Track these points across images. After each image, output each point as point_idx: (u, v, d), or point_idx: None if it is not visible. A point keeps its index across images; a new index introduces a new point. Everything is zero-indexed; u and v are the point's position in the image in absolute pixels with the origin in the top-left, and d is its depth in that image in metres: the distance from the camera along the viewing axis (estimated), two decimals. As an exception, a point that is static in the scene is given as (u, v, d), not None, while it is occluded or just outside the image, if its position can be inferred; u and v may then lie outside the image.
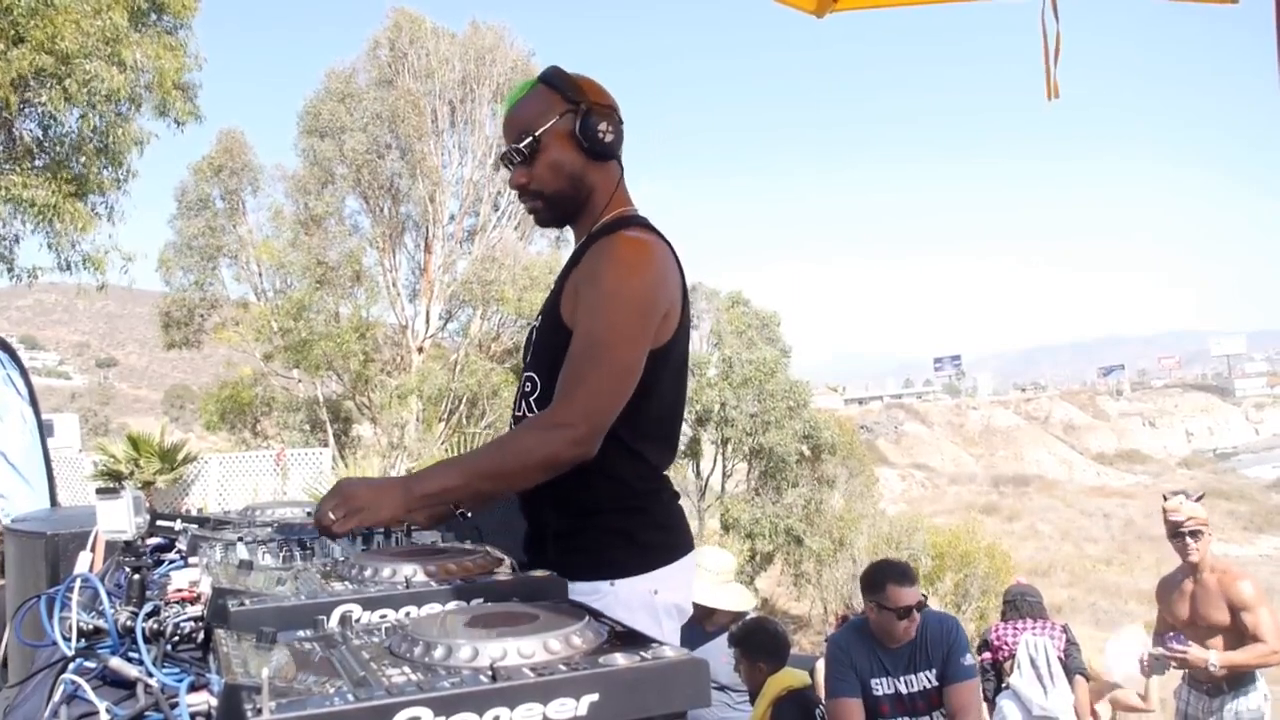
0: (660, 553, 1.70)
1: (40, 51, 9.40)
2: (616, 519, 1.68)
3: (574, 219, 1.82)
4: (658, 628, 1.64)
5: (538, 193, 1.77)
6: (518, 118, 1.77)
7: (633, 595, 1.62)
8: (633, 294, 1.61)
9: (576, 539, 1.67)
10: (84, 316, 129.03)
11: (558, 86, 1.75)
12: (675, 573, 1.71)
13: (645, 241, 1.69)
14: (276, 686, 0.76)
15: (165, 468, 13.99)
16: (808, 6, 2.38)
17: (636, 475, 1.70)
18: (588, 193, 1.78)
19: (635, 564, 1.65)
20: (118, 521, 1.78)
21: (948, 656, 3.28)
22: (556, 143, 1.72)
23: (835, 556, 20.16)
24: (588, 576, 1.60)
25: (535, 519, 1.75)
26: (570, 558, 1.61)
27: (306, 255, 17.78)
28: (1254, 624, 3.72)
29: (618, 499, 1.68)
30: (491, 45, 19.49)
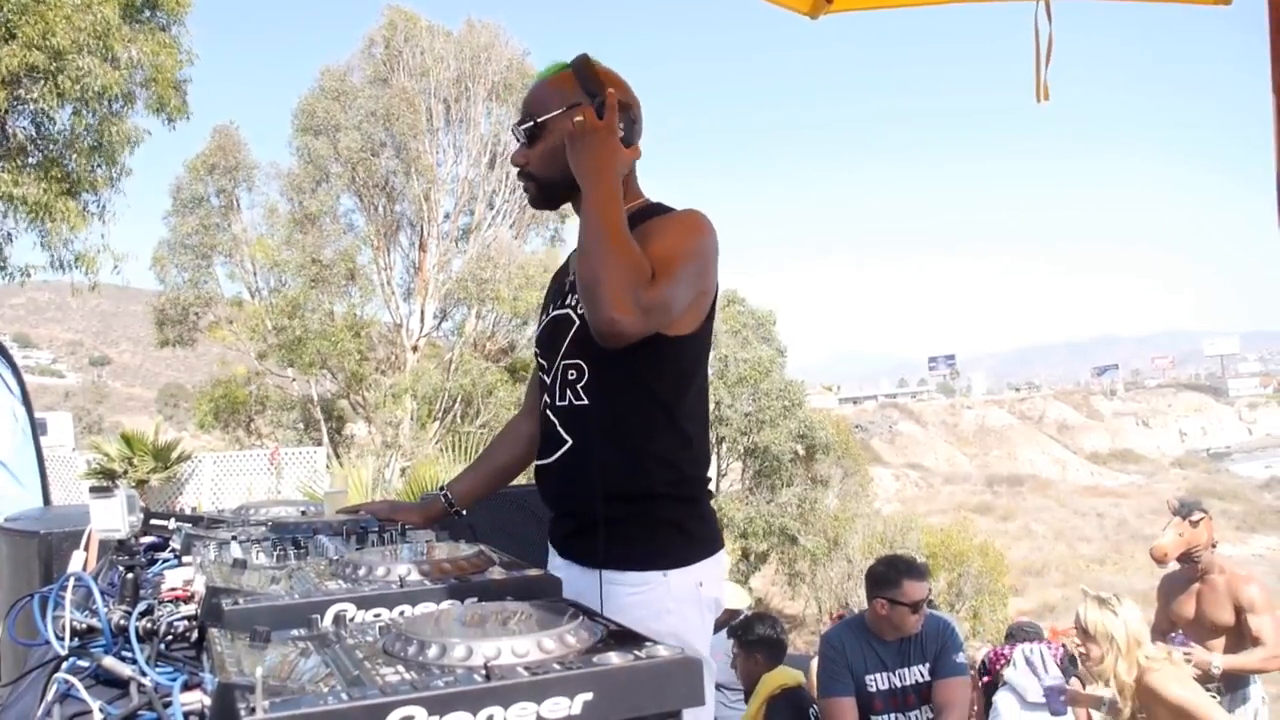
0: (705, 545, 1.70)
1: (32, 48, 9.36)
2: (670, 508, 1.67)
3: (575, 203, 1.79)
4: (701, 621, 1.65)
5: (531, 175, 1.80)
6: (532, 98, 1.79)
7: (682, 587, 1.62)
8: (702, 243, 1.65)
9: (631, 527, 1.64)
10: (77, 314, 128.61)
11: (579, 76, 1.75)
12: (715, 566, 1.71)
13: (702, 215, 1.70)
14: (270, 685, 0.76)
15: (159, 466, 13.96)
16: (802, 8, 2.38)
17: (688, 460, 1.70)
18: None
19: (686, 555, 1.65)
20: (111, 520, 1.78)
21: (940, 652, 3.32)
22: (559, 132, 1.71)
23: (830, 556, 20.18)
24: (641, 566, 1.61)
25: (578, 506, 1.70)
26: (622, 547, 1.61)
27: (301, 253, 17.74)
28: (1258, 627, 3.73)
29: (671, 485, 1.67)
30: (487, 44, 19.45)
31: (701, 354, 1.70)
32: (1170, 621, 3.99)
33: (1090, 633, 3.19)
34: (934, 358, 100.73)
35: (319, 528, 1.65)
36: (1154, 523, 5.91)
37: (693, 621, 1.63)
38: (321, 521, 1.73)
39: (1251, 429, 73.50)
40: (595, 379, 1.66)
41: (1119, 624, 3.14)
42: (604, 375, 1.63)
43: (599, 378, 1.65)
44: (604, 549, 1.60)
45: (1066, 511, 44.36)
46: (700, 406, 1.73)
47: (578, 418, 1.69)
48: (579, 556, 1.69)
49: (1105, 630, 3.15)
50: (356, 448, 18.82)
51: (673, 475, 1.67)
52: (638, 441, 1.63)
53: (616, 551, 1.61)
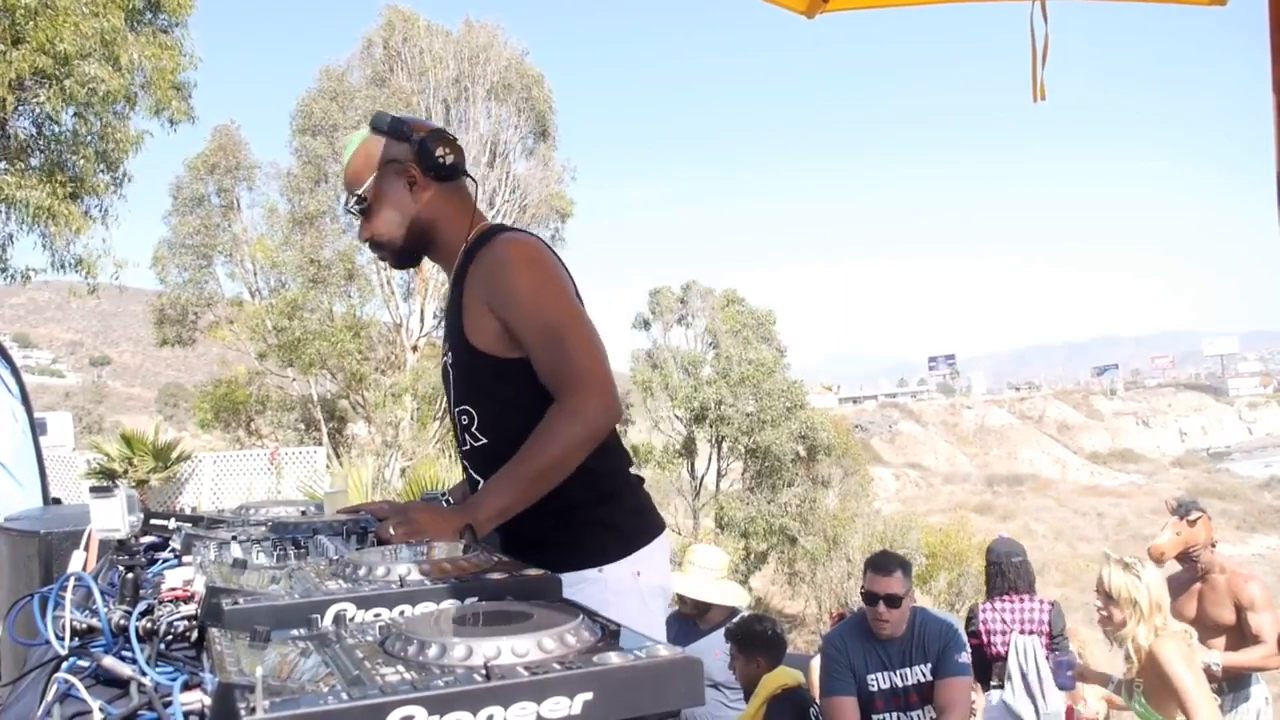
0: (637, 536, 1.75)
1: (39, 52, 9.39)
2: (591, 510, 1.71)
3: (431, 253, 1.86)
4: (644, 608, 1.69)
5: (381, 243, 1.82)
6: (349, 175, 1.81)
7: (619, 580, 1.68)
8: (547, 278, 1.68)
9: (555, 535, 1.69)
10: (77, 315, 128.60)
11: (383, 129, 1.78)
12: (653, 554, 1.76)
13: (528, 240, 1.75)
14: (270, 685, 0.76)
15: (159, 466, 13.96)
16: (798, 7, 2.37)
17: (601, 463, 1.72)
18: (433, 227, 1.80)
19: (617, 549, 1.71)
20: (111, 520, 1.78)
21: (942, 653, 3.32)
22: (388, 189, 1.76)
23: (829, 556, 20.18)
24: (573, 566, 1.63)
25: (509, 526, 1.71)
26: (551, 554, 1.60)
27: (300, 254, 17.75)
28: (1258, 626, 3.74)
29: (591, 490, 1.71)
30: (485, 44, 19.46)
31: None
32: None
33: (1114, 596, 3.20)
34: (934, 357, 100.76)
35: (319, 528, 1.65)
36: (1154, 522, 5.94)
37: (633, 611, 1.64)
38: (321, 521, 1.73)
39: (1251, 429, 73.50)
40: (484, 418, 1.74)
41: (1142, 588, 3.15)
42: (490, 412, 1.71)
43: (486, 416, 1.72)
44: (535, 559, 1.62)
45: (1066, 511, 44.37)
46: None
47: (481, 457, 1.77)
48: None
49: (1129, 595, 3.16)
50: (357, 448, 18.83)
51: (585, 481, 1.68)
52: None
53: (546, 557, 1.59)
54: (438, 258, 1.86)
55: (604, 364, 1.64)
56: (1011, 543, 4.57)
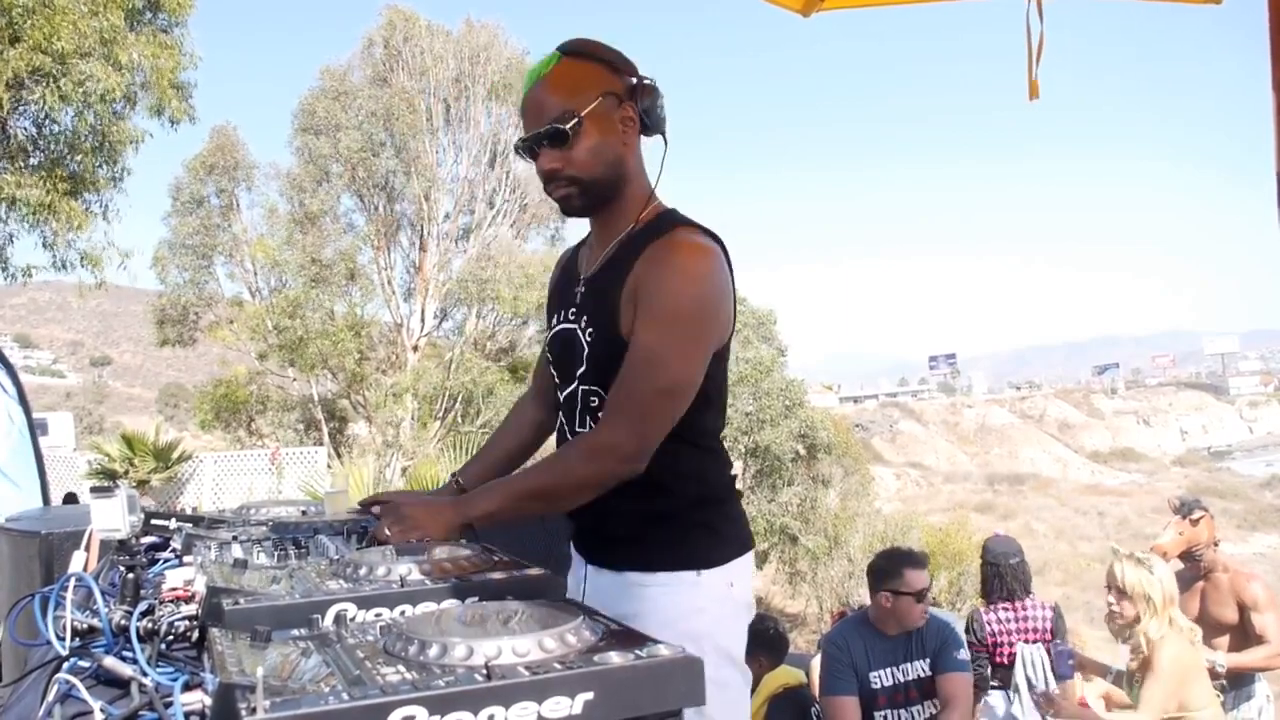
0: (736, 545, 1.67)
1: (37, 51, 9.39)
2: (699, 512, 1.65)
3: (608, 207, 1.67)
4: (735, 619, 1.63)
5: (573, 178, 1.61)
6: (552, 95, 1.59)
7: (714, 587, 1.60)
8: (697, 310, 1.53)
9: (658, 533, 1.63)
10: (78, 315, 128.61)
11: (600, 59, 1.61)
12: (745, 567, 1.69)
13: (707, 250, 1.58)
14: (271, 685, 0.76)
15: (160, 466, 13.98)
16: (794, 6, 2.37)
17: (712, 469, 1.69)
18: (626, 178, 1.65)
19: (717, 556, 1.63)
20: (112, 520, 1.78)
21: (941, 649, 3.34)
22: (601, 123, 1.58)
23: (830, 555, 20.18)
24: (671, 567, 1.60)
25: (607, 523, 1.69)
26: (650, 551, 1.62)
27: (301, 253, 17.74)
28: (1261, 625, 3.73)
29: (698, 494, 1.66)
30: (486, 43, 19.46)
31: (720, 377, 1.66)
32: None
33: (1127, 591, 3.22)
34: (934, 357, 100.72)
35: (319, 528, 1.65)
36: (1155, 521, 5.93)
37: (727, 622, 1.62)
38: (322, 521, 1.73)
39: (1252, 427, 73.48)
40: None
41: (1155, 583, 3.18)
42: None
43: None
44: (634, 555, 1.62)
45: (1067, 510, 44.35)
46: (718, 417, 1.70)
47: None
48: (611, 563, 1.68)
49: (1143, 590, 3.19)
50: (357, 447, 18.82)
51: (698, 488, 1.65)
52: (662, 463, 1.58)
53: (647, 555, 1.62)
54: (607, 215, 1.68)
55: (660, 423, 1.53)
56: (1008, 541, 4.53)
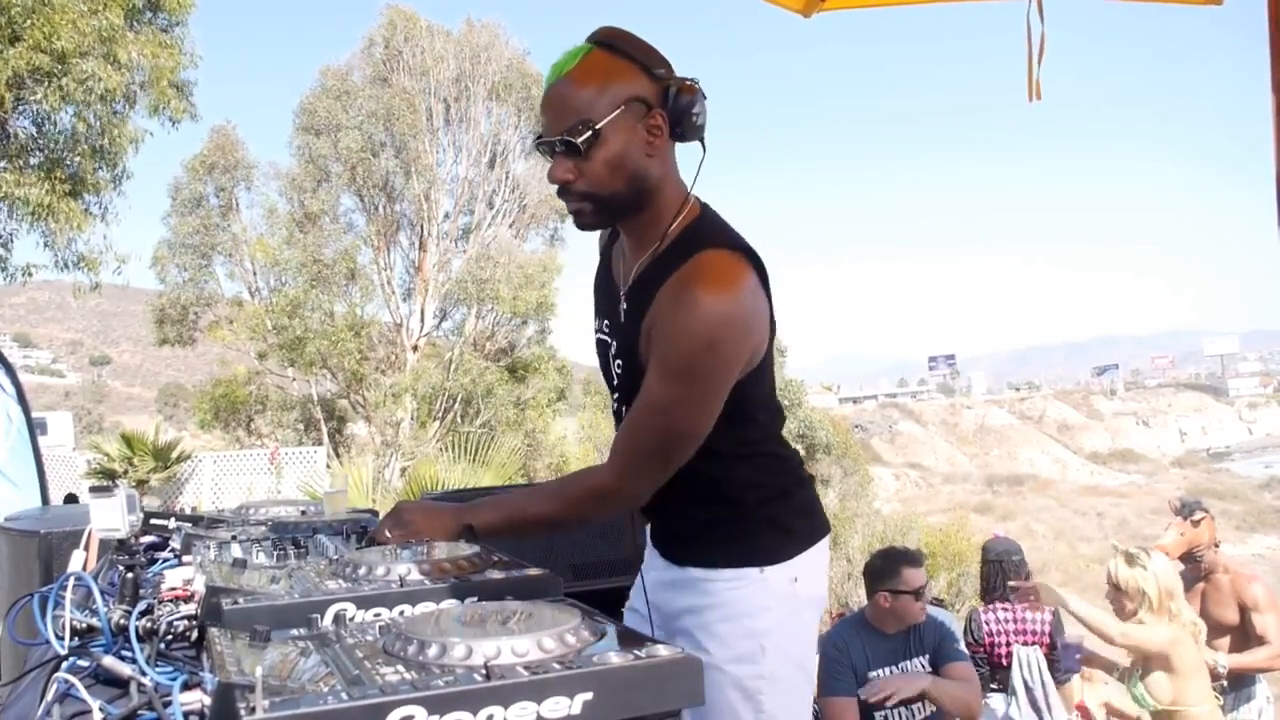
0: (803, 539, 1.63)
1: (37, 50, 9.39)
2: (766, 507, 1.62)
3: (633, 218, 1.55)
4: (797, 618, 1.60)
5: (587, 194, 1.47)
6: (571, 98, 1.44)
7: (779, 584, 1.57)
8: (711, 358, 1.41)
9: (721, 528, 1.61)
10: (77, 314, 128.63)
11: (631, 55, 1.45)
12: (814, 560, 1.63)
13: (730, 278, 1.43)
14: (270, 685, 0.76)
15: (159, 466, 13.98)
16: (795, 6, 2.37)
17: (772, 471, 1.66)
18: (651, 191, 1.50)
19: (782, 551, 1.59)
20: (111, 520, 1.78)
21: (940, 644, 3.35)
22: (622, 133, 1.43)
23: (830, 555, 20.21)
24: (736, 563, 1.58)
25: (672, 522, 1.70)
26: (713, 547, 1.61)
27: (301, 253, 17.73)
28: (1262, 626, 3.73)
29: (768, 484, 1.63)
30: (486, 43, 19.46)
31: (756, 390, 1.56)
32: None
33: (1123, 588, 3.31)
34: (934, 357, 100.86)
35: (319, 527, 1.65)
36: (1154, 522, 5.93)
37: (790, 621, 1.59)
38: (321, 521, 1.73)
39: (1251, 429, 73.53)
40: None
41: (1149, 578, 3.27)
42: None
43: None
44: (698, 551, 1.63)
45: (1067, 511, 44.36)
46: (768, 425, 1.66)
47: None
48: (678, 558, 1.67)
49: (1137, 585, 3.28)
50: (356, 447, 18.82)
51: (758, 491, 1.62)
52: (719, 470, 1.57)
53: (711, 550, 1.61)
54: (637, 227, 1.56)
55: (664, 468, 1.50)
56: (1008, 541, 4.54)
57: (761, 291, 1.49)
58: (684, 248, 1.48)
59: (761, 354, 1.52)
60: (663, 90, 1.45)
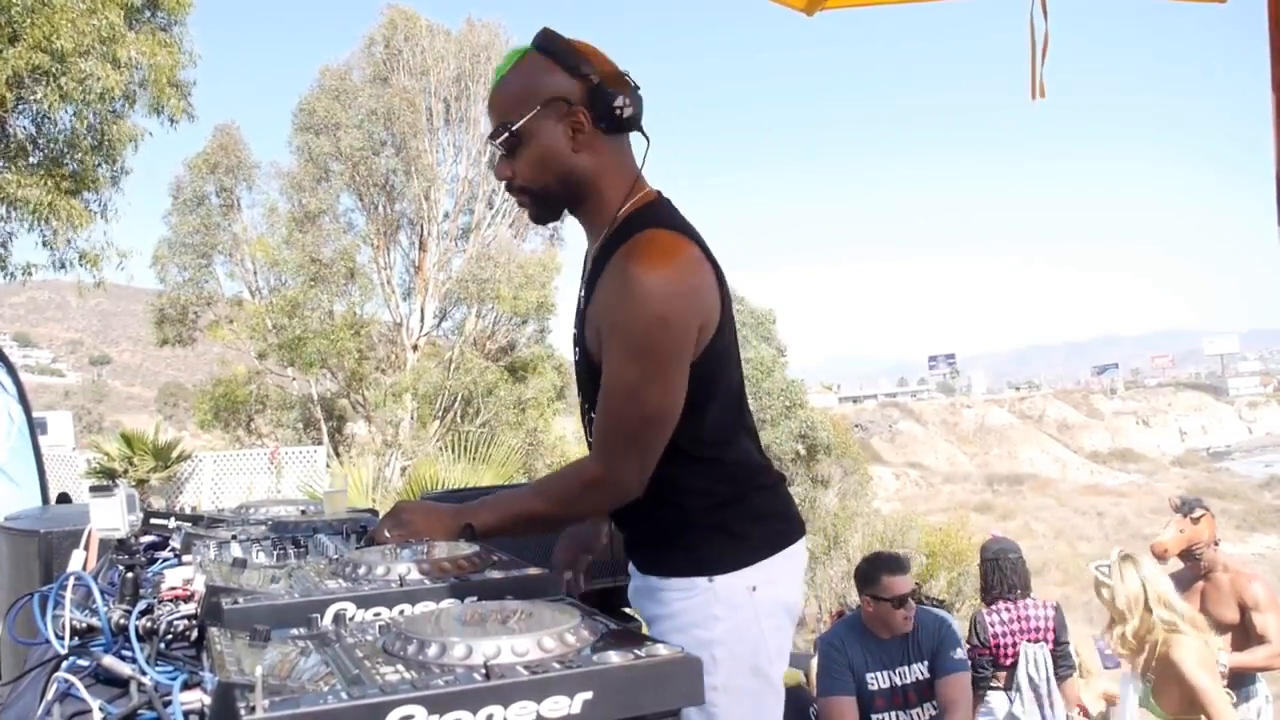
0: (762, 546, 1.58)
1: (37, 50, 9.39)
2: (715, 514, 1.59)
3: (576, 212, 1.61)
4: (755, 624, 1.55)
5: (522, 188, 1.56)
6: (502, 99, 1.53)
7: (730, 591, 1.54)
8: (662, 332, 1.43)
9: (675, 537, 1.60)
10: (77, 314, 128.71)
11: (555, 55, 1.51)
12: (778, 566, 1.59)
13: (668, 253, 1.46)
14: (270, 684, 0.76)
15: (159, 465, 13.96)
16: (798, 4, 2.36)
17: (723, 473, 1.61)
18: (588, 184, 1.55)
19: (733, 558, 1.55)
20: (111, 519, 1.78)
21: (938, 649, 3.33)
22: (546, 129, 1.49)
23: (830, 555, 20.18)
24: (685, 572, 1.56)
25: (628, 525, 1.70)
26: (666, 557, 1.61)
27: (301, 252, 17.74)
28: (1263, 625, 3.73)
29: (711, 501, 1.59)
30: (486, 43, 19.46)
31: (709, 380, 1.54)
32: None
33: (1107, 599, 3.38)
34: (934, 357, 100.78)
35: (319, 527, 1.65)
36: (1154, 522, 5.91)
37: (747, 629, 1.55)
38: (321, 521, 1.73)
39: (1251, 428, 73.50)
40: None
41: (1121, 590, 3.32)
42: None
43: None
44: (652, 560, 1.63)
45: (1067, 510, 44.36)
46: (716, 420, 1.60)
47: None
48: (641, 566, 1.69)
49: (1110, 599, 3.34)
50: (356, 447, 18.82)
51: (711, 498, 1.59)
52: (668, 475, 1.55)
53: (662, 562, 1.62)
54: (584, 218, 1.61)
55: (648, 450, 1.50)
56: (1005, 541, 4.54)
57: (707, 267, 1.51)
58: (628, 229, 1.51)
59: (710, 335, 1.51)
60: (586, 87, 1.49)
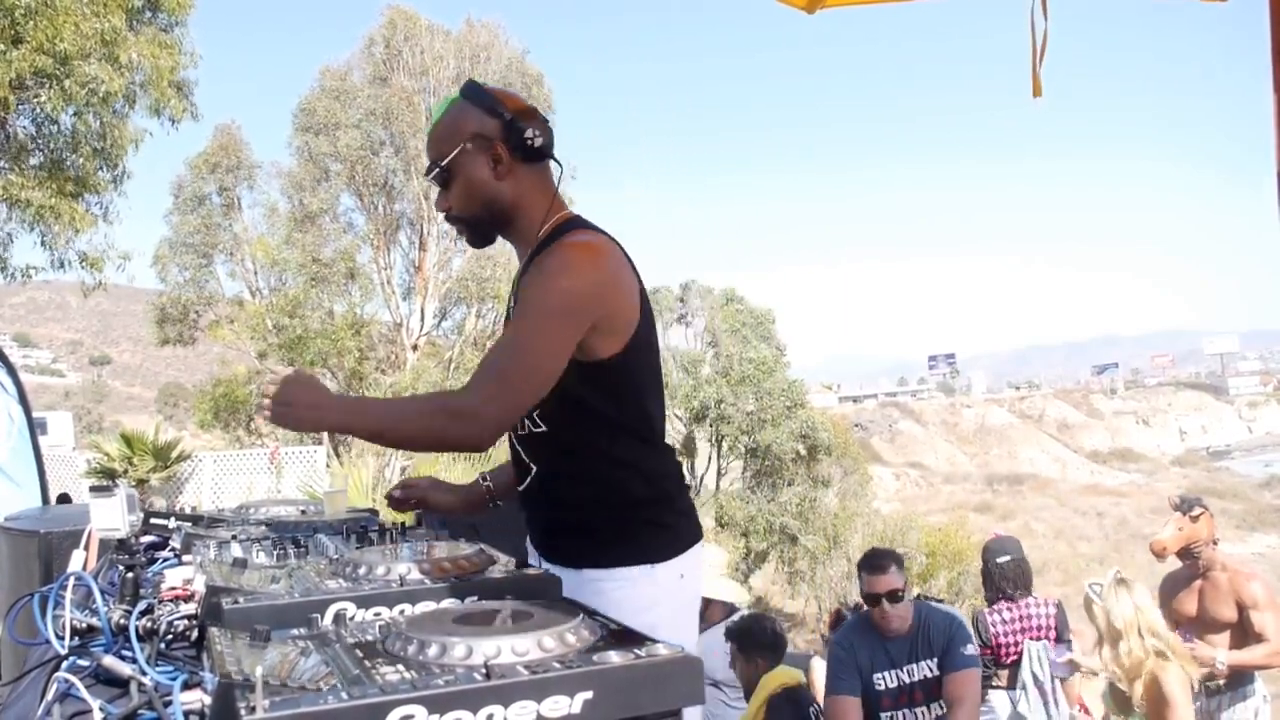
0: (686, 538, 1.73)
1: (39, 52, 9.39)
2: (646, 508, 1.70)
3: (506, 234, 1.81)
4: (685, 610, 1.70)
5: (457, 218, 1.77)
6: (433, 140, 1.75)
7: (667, 579, 1.66)
8: (563, 299, 1.59)
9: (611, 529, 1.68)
10: (77, 314, 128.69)
11: (476, 99, 1.73)
12: (695, 559, 1.74)
13: (590, 244, 1.67)
14: (270, 684, 0.76)
15: (159, 466, 13.93)
16: (799, 3, 2.35)
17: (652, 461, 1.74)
18: (513, 208, 1.75)
19: (669, 549, 1.69)
20: (111, 519, 1.78)
21: (948, 646, 3.29)
22: (469, 167, 1.71)
23: (829, 555, 20.18)
24: (625, 562, 1.65)
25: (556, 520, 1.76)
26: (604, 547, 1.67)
27: (301, 252, 17.73)
28: (1261, 624, 3.73)
29: (649, 488, 1.71)
30: (486, 43, 19.46)
31: (634, 369, 1.69)
32: (1173, 619, 3.99)
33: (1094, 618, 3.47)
34: (934, 357, 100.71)
35: (319, 527, 1.65)
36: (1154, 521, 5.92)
37: (679, 614, 1.68)
38: (321, 521, 1.73)
39: (1251, 427, 73.47)
40: (546, 406, 1.65)
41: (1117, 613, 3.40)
42: (552, 402, 1.63)
43: (548, 404, 1.64)
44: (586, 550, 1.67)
45: (1067, 510, 44.34)
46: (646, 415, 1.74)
47: (538, 444, 1.74)
48: (562, 560, 1.71)
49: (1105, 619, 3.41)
50: (356, 447, 18.80)
51: (640, 479, 1.71)
52: (597, 456, 1.67)
53: (601, 551, 1.66)
54: (513, 239, 1.81)
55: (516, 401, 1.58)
56: (1004, 541, 4.51)
57: (627, 266, 1.69)
58: (549, 241, 1.71)
59: (635, 327, 1.67)
60: (502, 124, 1.70)
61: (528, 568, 1.26)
